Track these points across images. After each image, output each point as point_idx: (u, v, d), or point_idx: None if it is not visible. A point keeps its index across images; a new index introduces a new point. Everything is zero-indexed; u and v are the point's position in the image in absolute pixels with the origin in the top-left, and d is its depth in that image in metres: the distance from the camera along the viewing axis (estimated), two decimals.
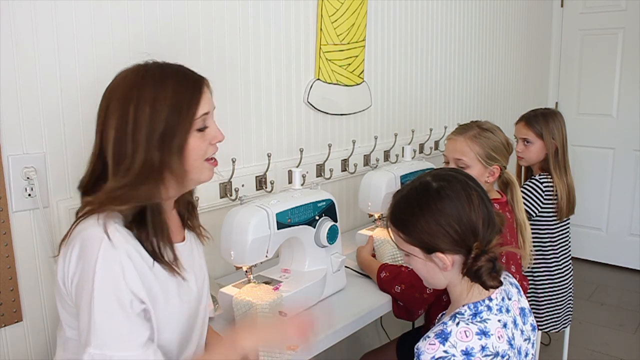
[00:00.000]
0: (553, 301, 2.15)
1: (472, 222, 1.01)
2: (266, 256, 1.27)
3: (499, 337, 0.98)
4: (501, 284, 1.04)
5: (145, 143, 0.89)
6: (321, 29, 1.87)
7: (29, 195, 1.17)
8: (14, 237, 1.16)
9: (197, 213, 1.13)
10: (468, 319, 0.99)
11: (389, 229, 1.09)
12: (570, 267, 2.21)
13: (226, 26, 1.56)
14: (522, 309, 1.10)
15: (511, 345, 1.01)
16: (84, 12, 1.23)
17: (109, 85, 0.95)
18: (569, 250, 2.22)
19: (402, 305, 1.44)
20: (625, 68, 3.51)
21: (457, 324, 0.98)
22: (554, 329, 2.20)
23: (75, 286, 0.88)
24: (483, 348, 0.96)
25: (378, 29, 2.15)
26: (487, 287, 1.01)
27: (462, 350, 0.95)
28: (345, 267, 1.53)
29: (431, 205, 1.01)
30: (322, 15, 1.86)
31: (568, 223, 2.21)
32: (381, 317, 1.53)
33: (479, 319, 1.00)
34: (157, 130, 0.90)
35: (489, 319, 1.00)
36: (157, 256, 0.93)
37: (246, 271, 1.29)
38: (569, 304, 2.22)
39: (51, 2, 1.17)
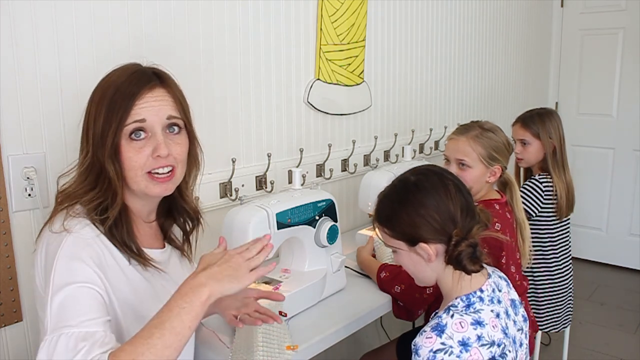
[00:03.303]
0: (553, 301, 2.15)
1: (450, 210, 1.05)
2: (266, 256, 1.26)
3: (493, 327, 1.01)
4: (482, 267, 1.06)
5: (91, 142, 0.91)
6: (321, 29, 1.87)
7: (29, 195, 1.17)
8: (14, 237, 1.16)
9: (190, 242, 1.11)
10: (462, 311, 1.02)
11: (376, 228, 1.13)
12: (570, 267, 2.21)
13: (226, 26, 1.56)
14: (512, 301, 1.12)
15: (506, 334, 1.03)
16: (84, 12, 1.23)
17: None
18: (569, 250, 2.22)
19: (402, 305, 1.44)
20: (625, 68, 3.51)
21: (452, 316, 1.00)
22: (554, 329, 2.19)
23: (43, 280, 0.85)
24: (479, 338, 0.98)
25: (378, 29, 2.15)
26: (468, 272, 1.03)
27: (459, 341, 0.97)
28: (345, 267, 1.53)
29: (410, 198, 1.06)
30: (322, 15, 1.86)
31: (568, 223, 2.21)
32: (381, 317, 1.53)
33: (472, 310, 1.02)
34: (97, 130, 0.91)
35: (482, 310, 1.02)
36: (126, 247, 0.92)
37: None
38: (569, 304, 2.22)
39: (51, 2, 1.17)
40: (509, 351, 1.02)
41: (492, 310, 1.03)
